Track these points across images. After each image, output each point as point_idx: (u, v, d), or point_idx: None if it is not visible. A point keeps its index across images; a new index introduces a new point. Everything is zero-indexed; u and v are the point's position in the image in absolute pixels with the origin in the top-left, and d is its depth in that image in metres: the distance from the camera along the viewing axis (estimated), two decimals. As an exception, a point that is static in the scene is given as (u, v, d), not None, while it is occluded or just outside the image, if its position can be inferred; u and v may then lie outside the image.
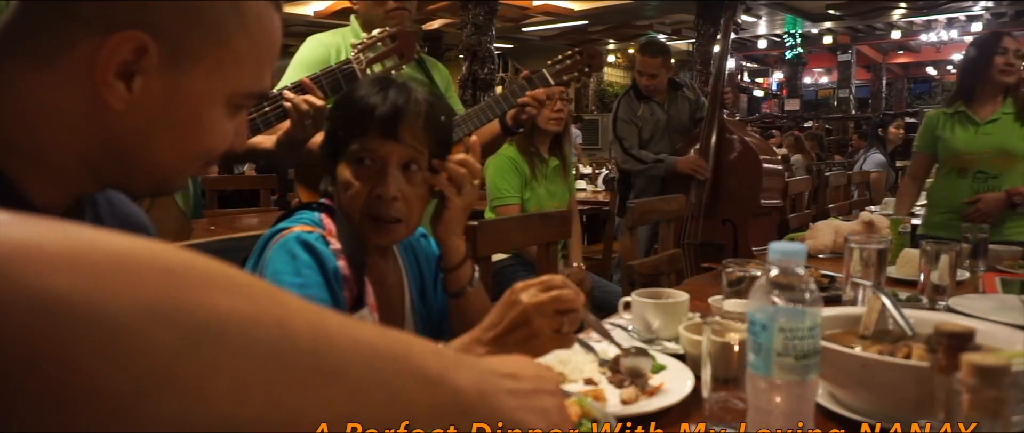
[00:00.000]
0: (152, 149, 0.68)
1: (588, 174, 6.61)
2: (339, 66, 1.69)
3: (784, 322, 0.79)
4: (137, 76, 0.63)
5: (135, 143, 0.67)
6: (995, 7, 12.42)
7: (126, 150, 0.67)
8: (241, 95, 0.70)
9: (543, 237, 2.13)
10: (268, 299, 0.40)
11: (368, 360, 0.43)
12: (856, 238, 1.49)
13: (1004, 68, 2.73)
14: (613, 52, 16.13)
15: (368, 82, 1.18)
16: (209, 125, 0.69)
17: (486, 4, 7.85)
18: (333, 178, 1.18)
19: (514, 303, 0.92)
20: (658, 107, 3.67)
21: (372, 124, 1.11)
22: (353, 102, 1.14)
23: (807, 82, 19.60)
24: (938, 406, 0.69)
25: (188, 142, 0.69)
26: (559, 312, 0.92)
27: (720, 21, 3.90)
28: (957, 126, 2.81)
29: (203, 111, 0.68)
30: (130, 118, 0.65)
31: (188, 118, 0.67)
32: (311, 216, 1.17)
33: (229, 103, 0.70)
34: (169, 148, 0.68)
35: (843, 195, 4.68)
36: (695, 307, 1.43)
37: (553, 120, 2.84)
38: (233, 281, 0.39)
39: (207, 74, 0.66)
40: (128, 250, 0.36)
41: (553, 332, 0.93)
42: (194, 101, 0.67)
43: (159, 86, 0.64)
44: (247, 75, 0.70)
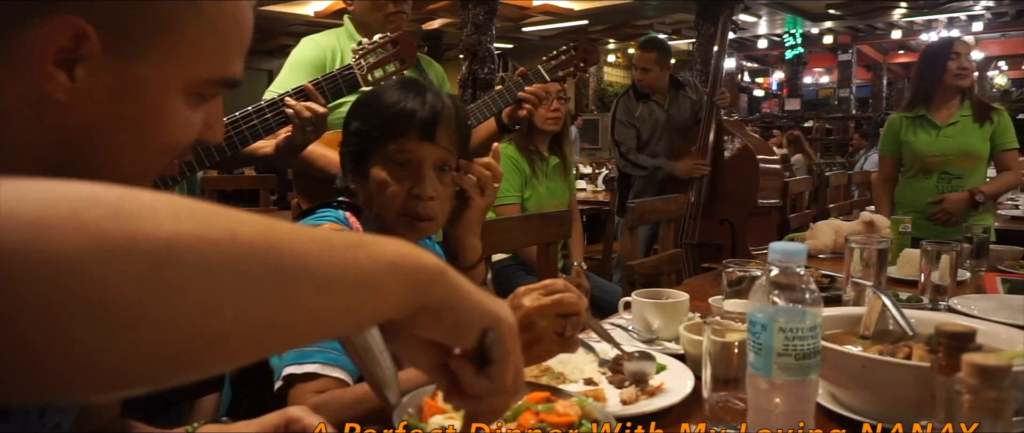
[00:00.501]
0: (107, 144, 0.64)
1: (588, 174, 6.61)
2: (340, 71, 1.69)
3: (784, 322, 0.79)
4: (79, 65, 0.60)
5: (87, 138, 0.63)
6: (995, 7, 12.41)
7: (81, 147, 0.63)
8: (201, 83, 0.66)
9: (543, 237, 2.13)
10: (214, 216, 0.40)
11: (326, 253, 0.43)
12: (856, 238, 1.49)
13: (958, 72, 2.82)
14: (613, 52, 16.13)
15: (396, 86, 1.21)
16: (167, 116, 0.65)
17: (486, 4, 7.84)
18: (358, 177, 1.20)
19: (516, 307, 0.92)
20: (657, 106, 3.67)
21: (411, 127, 1.15)
22: (387, 105, 1.17)
23: (807, 82, 19.58)
24: (939, 406, 0.69)
25: (146, 135, 0.65)
26: (562, 316, 0.92)
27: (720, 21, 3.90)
28: (919, 130, 2.90)
29: (157, 101, 0.64)
30: (78, 110, 0.61)
31: (141, 109, 0.63)
32: (336, 214, 1.19)
33: (189, 91, 0.65)
34: (126, 142, 0.64)
35: (843, 195, 4.67)
36: (695, 307, 1.43)
37: (550, 119, 2.83)
38: (174, 204, 0.39)
39: (158, 62, 0.63)
40: (62, 193, 0.35)
41: (556, 336, 0.92)
42: (145, 90, 0.63)
43: (105, 76, 0.61)
44: (206, 62, 0.65)
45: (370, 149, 1.18)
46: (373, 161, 1.18)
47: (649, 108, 3.66)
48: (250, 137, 1.60)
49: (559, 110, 2.85)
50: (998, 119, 2.83)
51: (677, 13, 11.46)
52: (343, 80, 1.68)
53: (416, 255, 0.49)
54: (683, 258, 3.31)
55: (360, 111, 1.22)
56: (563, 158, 2.99)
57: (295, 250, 0.42)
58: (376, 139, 1.17)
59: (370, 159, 1.18)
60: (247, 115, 1.59)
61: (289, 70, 2.00)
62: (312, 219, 1.18)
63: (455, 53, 8.73)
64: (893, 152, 3.00)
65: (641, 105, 3.66)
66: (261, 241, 0.41)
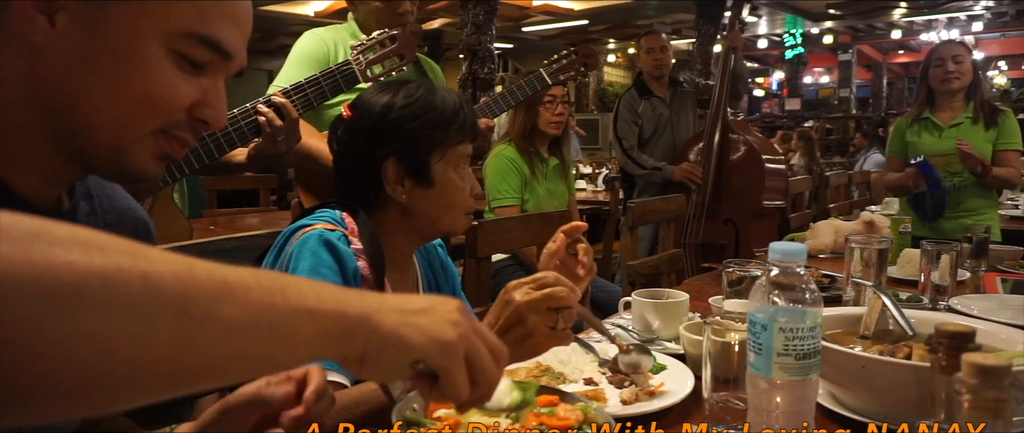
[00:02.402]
0: (86, 90, 0.64)
1: (588, 174, 6.60)
2: (339, 67, 1.69)
3: (784, 322, 0.79)
4: (60, 12, 0.62)
5: (66, 87, 0.64)
6: (995, 7, 12.41)
7: (60, 97, 0.64)
8: (180, 35, 0.65)
9: (543, 237, 2.11)
10: (129, 254, 0.40)
11: (241, 300, 0.43)
12: (857, 238, 1.49)
13: (944, 77, 2.84)
14: (613, 52, 16.12)
15: (433, 88, 1.21)
16: (143, 64, 0.64)
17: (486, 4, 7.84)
18: (416, 182, 1.19)
19: (507, 302, 0.93)
20: (660, 102, 3.67)
21: (470, 132, 1.22)
22: (450, 110, 1.19)
23: (808, 82, 19.57)
24: (939, 406, 0.69)
25: (121, 83, 0.64)
26: (553, 309, 0.92)
27: (721, 20, 3.90)
28: (923, 131, 2.93)
29: (132, 46, 0.64)
30: (56, 58, 0.63)
31: (113, 52, 0.64)
32: (332, 215, 1.18)
33: (168, 45, 0.65)
34: (102, 88, 0.64)
35: (844, 195, 4.67)
36: (695, 307, 1.43)
37: (553, 123, 2.84)
38: (90, 242, 0.39)
39: (129, 5, 0.63)
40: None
41: (549, 329, 0.92)
42: (118, 34, 0.63)
43: (82, 22, 0.63)
44: (180, 10, 0.65)
45: (432, 155, 1.19)
46: (439, 167, 1.19)
47: (652, 104, 3.66)
48: (225, 144, 1.58)
49: (563, 114, 2.85)
50: (1003, 121, 2.84)
51: (677, 13, 11.45)
52: (342, 76, 1.68)
53: (340, 301, 0.49)
54: (685, 258, 3.31)
55: (418, 118, 1.18)
56: (562, 159, 2.99)
57: (207, 294, 0.42)
58: (445, 144, 1.19)
59: (432, 165, 1.19)
60: (232, 116, 1.57)
61: (293, 63, 1.99)
62: (311, 218, 1.18)
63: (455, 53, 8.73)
64: (899, 153, 3.02)
65: (644, 102, 3.66)
66: (171, 284, 0.40)
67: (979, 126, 2.83)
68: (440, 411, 0.84)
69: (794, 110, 15.58)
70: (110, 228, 0.79)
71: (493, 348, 0.59)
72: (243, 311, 0.43)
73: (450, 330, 0.55)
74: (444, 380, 0.55)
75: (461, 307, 0.58)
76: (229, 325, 0.42)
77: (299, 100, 1.65)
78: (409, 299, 0.56)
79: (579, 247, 1.20)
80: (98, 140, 0.66)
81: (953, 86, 2.84)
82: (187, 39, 0.66)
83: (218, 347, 0.42)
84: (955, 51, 2.87)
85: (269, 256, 1.18)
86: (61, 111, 0.65)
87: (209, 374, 0.43)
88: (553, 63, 2.21)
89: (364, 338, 0.50)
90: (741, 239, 3.50)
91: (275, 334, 0.45)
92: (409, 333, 0.52)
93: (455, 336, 0.55)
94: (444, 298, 0.59)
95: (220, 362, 0.43)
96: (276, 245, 1.18)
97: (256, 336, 0.44)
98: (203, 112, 0.69)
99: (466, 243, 1.81)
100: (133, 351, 0.38)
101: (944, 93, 2.87)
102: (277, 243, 1.18)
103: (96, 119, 0.65)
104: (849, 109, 16.41)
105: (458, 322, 0.56)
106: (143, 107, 0.66)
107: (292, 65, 1.99)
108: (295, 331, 0.46)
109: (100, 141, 0.66)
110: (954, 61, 2.83)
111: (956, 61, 2.83)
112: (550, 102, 2.79)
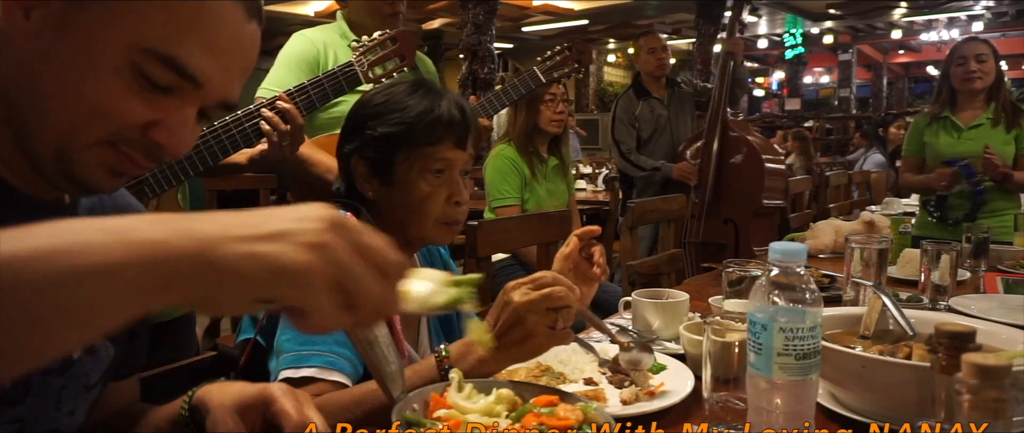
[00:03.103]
0: (39, 89, 0.64)
1: (588, 174, 6.60)
2: (341, 68, 1.68)
3: (784, 322, 0.79)
4: (38, 9, 0.63)
5: (25, 81, 0.64)
6: (996, 7, 12.41)
7: (19, 91, 0.65)
8: (141, 51, 0.64)
9: (543, 237, 2.13)
10: None
11: (38, 265, 0.41)
12: (857, 238, 1.49)
13: (965, 77, 2.76)
14: (613, 52, 16.12)
15: (417, 91, 1.18)
16: (97, 72, 0.64)
17: (486, 4, 7.83)
18: (382, 183, 1.18)
19: (506, 303, 0.93)
20: (658, 103, 3.67)
21: (449, 134, 1.16)
22: (420, 112, 1.15)
23: (808, 82, 19.56)
24: (939, 406, 0.69)
25: (73, 86, 0.64)
26: (552, 309, 0.92)
27: (721, 21, 3.90)
28: (941, 131, 2.86)
29: (92, 51, 0.63)
30: (21, 50, 0.64)
31: (71, 54, 0.63)
32: None
33: (129, 57, 0.64)
34: (56, 90, 0.64)
35: (843, 195, 4.68)
36: (695, 307, 1.43)
37: (554, 121, 2.84)
38: None
39: (104, 13, 0.63)
40: None
41: (548, 329, 0.92)
42: (82, 37, 0.63)
43: (53, 20, 0.63)
44: (150, 27, 0.64)
45: (396, 156, 1.16)
46: (403, 168, 1.16)
47: (650, 106, 3.66)
48: (230, 146, 1.57)
49: (563, 112, 2.85)
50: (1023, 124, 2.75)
51: (677, 13, 11.45)
52: (344, 77, 1.68)
53: (166, 235, 0.44)
54: (685, 258, 3.31)
55: (382, 116, 1.18)
56: (562, 159, 2.99)
57: (15, 254, 0.40)
58: (409, 145, 1.16)
59: (396, 166, 1.16)
60: (225, 124, 1.55)
61: (282, 66, 1.98)
62: None
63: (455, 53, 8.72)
64: (916, 152, 2.95)
65: (641, 103, 3.66)
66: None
67: (1000, 128, 2.75)
68: (440, 411, 0.84)
69: (794, 110, 15.58)
70: None
71: (380, 262, 0.51)
72: (41, 278, 0.41)
73: (305, 255, 0.46)
74: (305, 313, 0.48)
75: (333, 220, 0.49)
76: (30, 289, 0.41)
77: (302, 102, 1.64)
78: (264, 220, 0.47)
79: (594, 249, 1.21)
80: (45, 141, 0.66)
81: (975, 86, 2.75)
82: (148, 56, 0.64)
83: (21, 313, 0.41)
84: (978, 49, 2.77)
85: None
86: (17, 106, 0.65)
87: (38, 337, 0.42)
88: (547, 61, 2.21)
89: (197, 278, 0.44)
90: (741, 239, 3.50)
91: (77, 300, 0.42)
92: (251, 266, 0.45)
93: (311, 261, 0.46)
94: (315, 211, 0.49)
95: (26, 329, 0.41)
96: None
97: (55, 305, 0.42)
98: (157, 134, 0.67)
99: (466, 243, 1.81)
100: None
101: (965, 93, 2.79)
102: None
103: (45, 119, 0.65)
104: (849, 109, 16.42)
105: (321, 244, 0.47)
106: (89, 115, 0.65)
107: (281, 68, 1.97)
108: (121, 276, 0.43)
109: (47, 142, 0.66)
110: (977, 60, 2.74)
111: (979, 60, 2.74)
112: (551, 100, 2.79)
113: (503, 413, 0.85)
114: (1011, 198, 2.84)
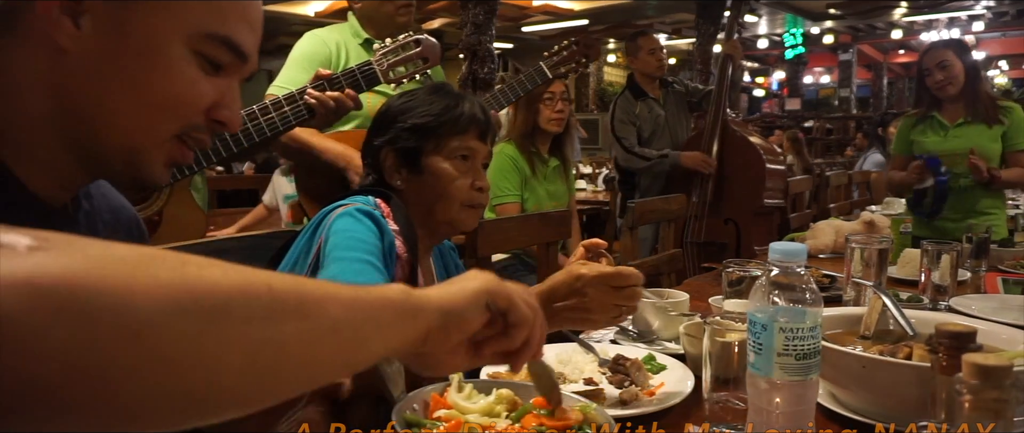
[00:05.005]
0: (107, 93, 0.65)
1: (588, 174, 6.60)
2: (360, 67, 1.69)
3: (784, 322, 0.79)
4: (85, 16, 0.64)
5: (89, 88, 0.65)
6: (996, 6, 12.40)
7: (83, 99, 0.65)
8: (201, 36, 0.67)
9: (543, 237, 2.13)
10: (250, 270, 0.44)
11: (336, 299, 0.48)
12: (857, 238, 1.49)
13: (935, 86, 2.78)
14: (613, 51, 16.11)
15: (443, 91, 1.32)
16: (165, 65, 0.66)
17: (486, 4, 7.83)
18: (411, 171, 1.29)
19: (573, 275, 1.00)
20: (655, 103, 3.67)
21: (473, 126, 1.29)
22: (448, 106, 1.28)
23: (808, 81, 19.54)
24: (939, 406, 0.69)
25: (144, 85, 0.66)
26: (617, 289, 1.00)
27: (721, 21, 3.90)
28: (928, 130, 2.87)
29: (154, 47, 0.65)
30: (81, 60, 0.64)
31: (138, 53, 0.65)
32: (365, 199, 1.24)
33: (190, 46, 0.67)
34: (126, 90, 0.66)
35: (843, 195, 4.67)
36: (695, 307, 1.43)
37: (554, 120, 2.82)
38: (215, 261, 0.42)
39: (152, 8, 0.65)
40: (139, 258, 0.39)
41: (606, 307, 1.01)
42: (142, 35, 0.65)
43: (106, 24, 0.64)
44: (200, 12, 0.67)
45: (425, 145, 1.27)
46: (432, 156, 1.27)
47: (648, 106, 3.66)
48: (268, 130, 1.61)
49: (564, 111, 2.83)
50: (1010, 118, 2.76)
51: (677, 13, 11.45)
52: (363, 75, 1.68)
53: (405, 291, 0.55)
54: (686, 258, 3.31)
55: (411, 111, 1.30)
56: (563, 160, 2.98)
57: (315, 297, 0.46)
58: (437, 135, 1.27)
59: (425, 154, 1.27)
60: (264, 108, 1.61)
61: (293, 65, 1.99)
62: (344, 201, 1.21)
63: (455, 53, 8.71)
64: (904, 151, 2.97)
65: (640, 103, 3.66)
66: (290, 291, 0.45)
67: (982, 124, 2.77)
68: (440, 411, 0.84)
69: (794, 110, 15.58)
70: (106, 226, 0.80)
71: (522, 290, 0.64)
72: (342, 309, 0.48)
73: (490, 275, 0.62)
74: (512, 310, 0.62)
75: None
76: (335, 321, 0.47)
77: None
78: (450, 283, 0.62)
79: (602, 260, 1.24)
80: (116, 144, 0.68)
81: (947, 92, 2.78)
82: (208, 40, 0.68)
83: (331, 343, 0.47)
84: (939, 58, 2.76)
85: (302, 237, 1.22)
86: (81, 114, 0.66)
87: (328, 367, 0.49)
88: (554, 56, 2.19)
89: (432, 312, 0.56)
90: (742, 238, 3.51)
91: (367, 324, 0.50)
92: (469, 288, 0.60)
93: (495, 277, 0.62)
94: None
95: (332, 356, 0.48)
96: (309, 227, 1.22)
97: (356, 328, 0.49)
98: (220, 113, 0.71)
99: (466, 243, 1.81)
100: (270, 354, 0.43)
101: (941, 99, 2.82)
102: (311, 225, 1.22)
103: (117, 121, 0.67)
104: (849, 109, 16.40)
105: None
106: (166, 108, 0.68)
107: (293, 66, 1.98)
108: (380, 318, 0.51)
109: (117, 145, 0.68)
110: (940, 68, 2.75)
111: (941, 67, 2.75)
112: (549, 99, 2.77)
113: (503, 413, 0.85)
114: (997, 197, 2.86)
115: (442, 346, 0.57)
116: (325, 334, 0.46)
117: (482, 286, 0.60)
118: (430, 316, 0.55)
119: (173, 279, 0.39)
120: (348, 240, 1.11)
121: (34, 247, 0.35)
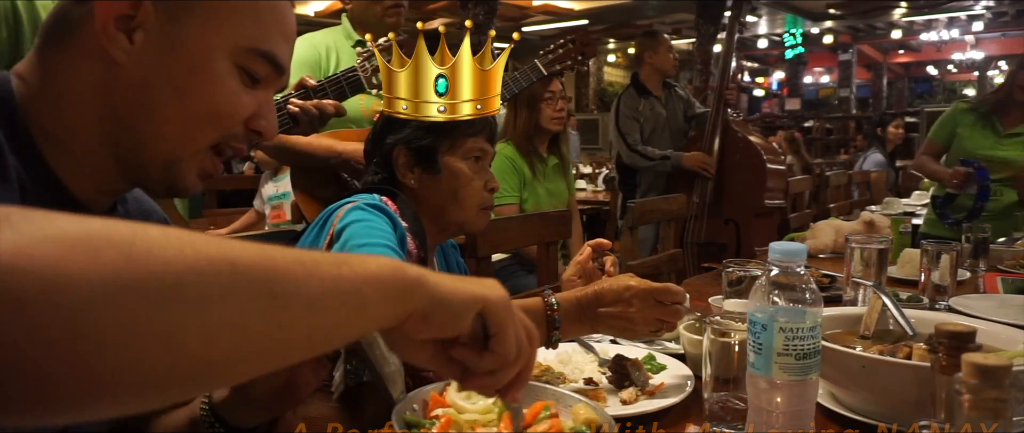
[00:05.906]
0: (156, 104, 0.69)
1: (588, 174, 6.60)
2: (344, 74, 1.68)
3: (784, 322, 0.79)
4: (138, 31, 0.67)
5: (139, 99, 0.69)
6: (995, 6, 12.40)
7: (132, 109, 0.69)
8: (245, 51, 0.71)
9: (543, 237, 2.13)
10: (215, 245, 0.42)
11: (313, 273, 0.46)
12: (857, 238, 1.49)
13: None
14: (613, 51, 16.11)
15: None
16: (211, 79, 0.70)
17: (486, 4, 7.85)
18: (425, 171, 1.29)
19: (624, 288, 1.03)
20: (657, 102, 3.68)
21: (483, 128, 1.30)
22: None
23: (808, 81, 19.56)
24: (939, 406, 0.69)
25: (191, 96, 0.69)
26: (662, 304, 1.03)
27: (721, 21, 3.91)
28: (978, 128, 2.77)
29: (202, 61, 0.69)
30: (133, 72, 0.68)
31: (187, 67, 0.69)
32: (371, 198, 1.24)
33: (234, 60, 0.71)
34: (173, 101, 0.69)
35: (843, 195, 4.67)
36: (695, 307, 1.43)
37: (555, 119, 2.82)
38: (180, 240, 0.41)
39: (202, 24, 0.69)
40: (80, 233, 0.38)
41: (648, 321, 1.03)
42: (191, 49, 0.69)
43: (158, 39, 0.68)
44: (246, 28, 0.71)
45: (441, 144, 1.28)
46: (447, 156, 1.28)
47: (651, 104, 3.67)
48: None
49: (563, 109, 2.83)
50: None
51: (677, 13, 11.46)
52: (347, 82, 1.67)
53: (396, 266, 0.52)
54: (686, 258, 3.31)
55: None
56: (561, 158, 2.98)
57: (287, 274, 0.44)
58: (452, 135, 1.27)
59: (440, 154, 1.28)
60: None
61: None
62: (352, 198, 1.22)
63: (455, 53, 8.73)
64: (943, 139, 2.87)
65: (643, 101, 3.67)
66: (256, 268, 0.43)
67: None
68: (438, 410, 0.84)
69: (794, 110, 15.59)
70: None
71: (528, 327, 0.61)
72: (319, 285, 0.46)
73: (502, 292, 0.58)
74: (500, 334, 0.57)
75: None
76: (309, 299, 0.45)
77: None
78: None
79: (606, 259, 1.28)
80: (157, 153, 0.71)
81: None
82: (252, 54, 0.72)
83: (303, 322, 0.45)
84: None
85: (310, 232, 1.23)
86: (128, 123, 0.70)
87: (297, 348, 0.46)
88: (549, 53, 2.16)
89: (425, 295, 0.53)
90: (743, 238, 3.51)
91: (348, 302, 0.48)
92: (469, 288, 0.56)
93: (507, 297, 0.58)
94: None
95: (305, 335, 0.46)
96: (316, 223, 1.23)
97: (333, 306, 0.47)
98: (258, 124, 0.75)
99: (466, 243, 1.81)
100: (231, 336, 0.41)
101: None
102: (317, 221, 1.23)
103: (162, 130, 0.70)
104: (849, 109, 16.41)
105: None
106: (209, 119, 0.71)
107: None
108: (364, 297, 0.49)
109: (159, 154, 0.71)
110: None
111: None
112: (550, 98, 2.77)
113: (501, 415, 0.85)
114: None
115: (415, 332, 0.54)
116: (296, 314, 0.44)
117: (483, 295, 0.56)
118: (418, 299, 0.52)
119: (115, 259, 0.38)
120: (366, 229, 1.12)
121: None
